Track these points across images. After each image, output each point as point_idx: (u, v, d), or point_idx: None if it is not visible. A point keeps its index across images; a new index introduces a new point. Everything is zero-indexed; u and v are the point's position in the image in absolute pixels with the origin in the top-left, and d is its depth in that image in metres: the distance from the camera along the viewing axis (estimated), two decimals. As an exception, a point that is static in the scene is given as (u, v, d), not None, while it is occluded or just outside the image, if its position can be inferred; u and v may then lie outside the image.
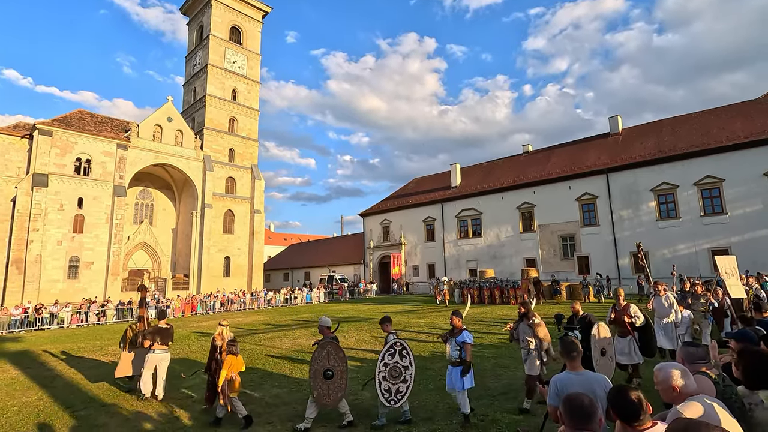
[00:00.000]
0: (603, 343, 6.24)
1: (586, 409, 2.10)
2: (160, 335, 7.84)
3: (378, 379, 5.77)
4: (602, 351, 6.24)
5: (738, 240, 22.93)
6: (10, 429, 6.55)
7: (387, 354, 5.87)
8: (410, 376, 5.80)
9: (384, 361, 5.84)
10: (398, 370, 5.78)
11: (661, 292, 8.58)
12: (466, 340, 5.72)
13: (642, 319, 7.07)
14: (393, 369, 5.79)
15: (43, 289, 29.93)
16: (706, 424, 1.62)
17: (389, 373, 5.78)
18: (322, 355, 5.95)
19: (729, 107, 27.34)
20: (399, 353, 5.89)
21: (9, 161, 32.73)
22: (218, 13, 41.87)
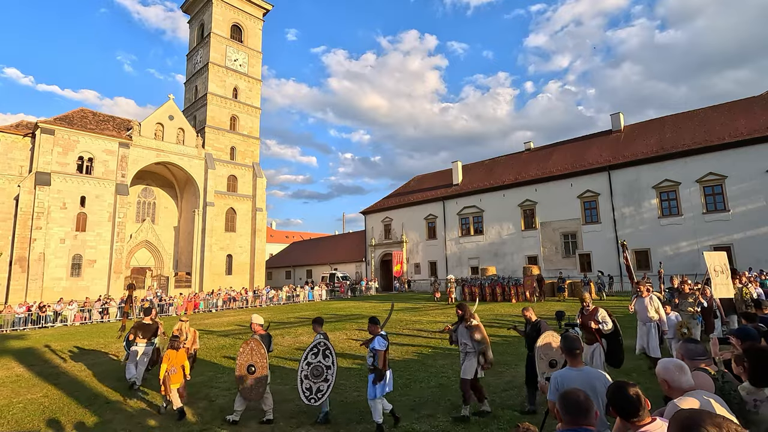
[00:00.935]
0: (553, 355, 5.65)
1: (582, 405, 2.12)
2: (141, 330, 8.50)
3: (300, 378, 5.89)
4: (552, 362, 5.66)
5: (740, 237, 22.88)
6: (16, 425, 6.62)
7: (311, 353, 6.02)
8: (332, 375, 5.89)
9: (307, 360, 5.97)
10: (320, 370, 5.88)
11: (644, 293, 7.97)
12: (375, 346, 5.63)
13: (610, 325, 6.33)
14: (315, 368, 5.91)
15: (46, 287, 30.08)
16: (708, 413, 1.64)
17: (311, 372, 5.89)
18: (246, 350, 6.26)
19: (732, 104, 27.21)
20: (322, 353, 6.01)
21: (12, 160, 32.86)
22: (219, 11, 41.83)
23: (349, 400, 7.10)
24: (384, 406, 5.70)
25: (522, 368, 8.36)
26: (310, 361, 6.00)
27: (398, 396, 7.19)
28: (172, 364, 6.79)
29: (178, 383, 6.75)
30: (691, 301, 8.68)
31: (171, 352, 6.92)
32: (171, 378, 6.67)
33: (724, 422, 1.50)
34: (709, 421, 1.51)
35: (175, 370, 6.72)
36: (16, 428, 6.49)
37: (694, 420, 1.55)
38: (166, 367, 6.75)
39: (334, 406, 6.79)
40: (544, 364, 5.65)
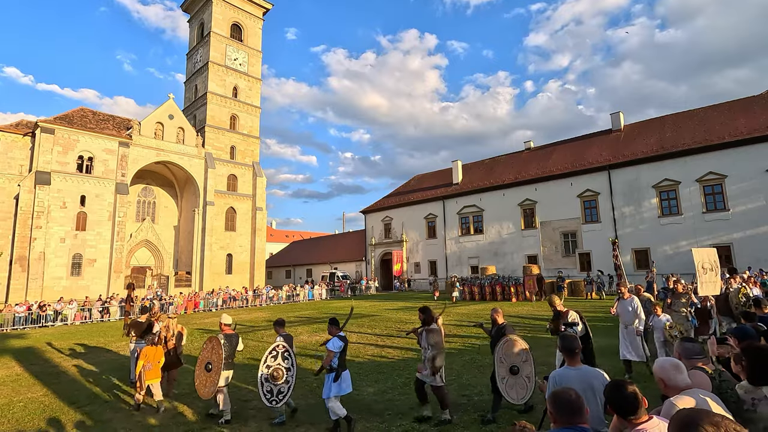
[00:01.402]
0: (514, 360, 5.40)
1: (573, 404, 2.13)
2: (134, 328, 8.73)
3: (260, 381, 5.92)
4: (513, 369, 5.40)
5: (740, 236, 22.90)
6: (16, 424, 6.63)
7: (270, 356, 6.03)
8: (291, 377, 5.96)
9: (266, 363, 5.99)
10: (280, 372, 5.95)
11: (626, 295, 7.69)
12: (328, 346, 5.67)
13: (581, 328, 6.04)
14: (275, 370, 5.95)
15: (46, 286, 30.11)
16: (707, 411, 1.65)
17: (271, 375, 5.93)
18: (207, 348, 6.47)
19: (732, 103, 27.21)
20: (281, 355, 6.04)
21: (12, 159, 32.86)
22: (219, 10, 41.81)
23: (348, 400, 7.09)
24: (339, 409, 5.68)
25: (521, 367, 8.38)
26: (270, 364, 6.02)
27: (398, 395, 7.21)
28: (149, 360, 6.99)
29: (154, 379, 6.94)
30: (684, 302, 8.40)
31: (148, 349, 7.16)
32: (146, 374, 6.88)
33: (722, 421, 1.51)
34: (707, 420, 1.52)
35: (151, 366, 6.93)
36: (17, 427, 6.51)
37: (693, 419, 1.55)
38: (142, 363, 6.96)
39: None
40: (504, 369, 5.45)
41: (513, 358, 5.41)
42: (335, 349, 5.60)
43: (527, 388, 5.33)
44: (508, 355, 5.43)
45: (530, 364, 5.42)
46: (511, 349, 5.45)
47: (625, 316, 7.57)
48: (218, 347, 6.32)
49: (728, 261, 22.87)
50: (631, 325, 7.46)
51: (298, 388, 7.84)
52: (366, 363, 9.78)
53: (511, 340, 5.50)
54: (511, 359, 5.41)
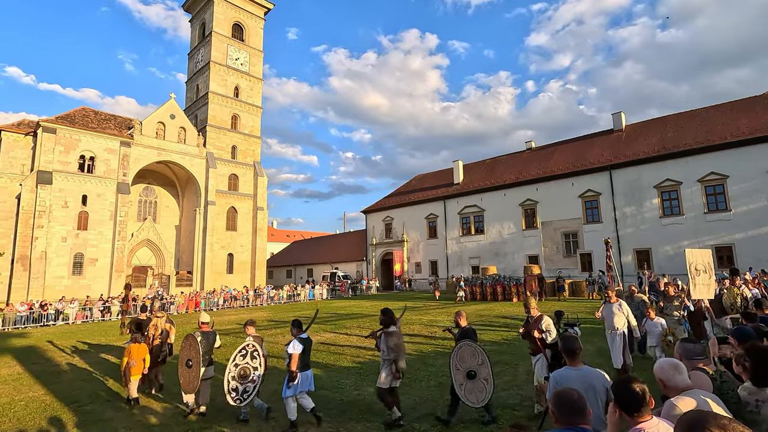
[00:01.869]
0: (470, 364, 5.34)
1: (576, 404, 2.13)
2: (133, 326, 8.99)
3: (227, 379, 6.00)
4: (470, 373, 5.33)
5: (742, 237, 22.84)
6: (17, 423, 6.65)
7: (239, 355, 6.14)
8: (258, 377, 6.04)
9: (235, 362, 6.11)
10: (247, 371, 6.03)
11: (612, 298, 7.41)
12: (287, 348, 5.81)
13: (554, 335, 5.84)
14: (243, 369, 6.05)
15: (48, 285, 30.17)
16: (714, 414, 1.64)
17: (238, 374, 6.02)
18: (186, 346, 6.72)
19: (733, 103, 27.15)
20: (250, 354, 6.15)
21: (13, 158, 32.93)
22: (220, 10, 41.84)
23: (349, 399, 7.12)
24: (305, 404, 5.85)
25: (522, 367, 8.39)
26: (238, 362, 6.12)
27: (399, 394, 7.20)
28: (133, 357, 7.29)
29: (138, 375, 7.28)
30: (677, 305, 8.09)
31: (132, 346, 7.43)
32: (131, 370, 7.20)
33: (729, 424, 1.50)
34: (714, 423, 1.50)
35: (135, 363, 7.23)
36: (19, 426, 6.53)
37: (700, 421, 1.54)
38: (126, 360, 7.26)
39: (334, 404, 6.82)
40: (461, 374, 5.43)
41: (469, 362, 5.40)
42: (295, 351, 5.72)
43: (486, 390, 5.32)
44: (463, 360, 5.43)
45: (486, 366, 5.39)
46: (466, 354, 5.44)
47: (610, 320, 7.30)
48: (195, 343, 6.55)
49: (730, 262, 22.82)
50: (614, 330, 7.18)
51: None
52: (366, 363, 9.78)
53: (465, 345, 5.47)
54: (467, 364, 5.41)
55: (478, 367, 5.37)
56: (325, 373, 8.85)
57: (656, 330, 7.54)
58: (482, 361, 5.41)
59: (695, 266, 7.80)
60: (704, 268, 7.96)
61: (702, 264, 7.96)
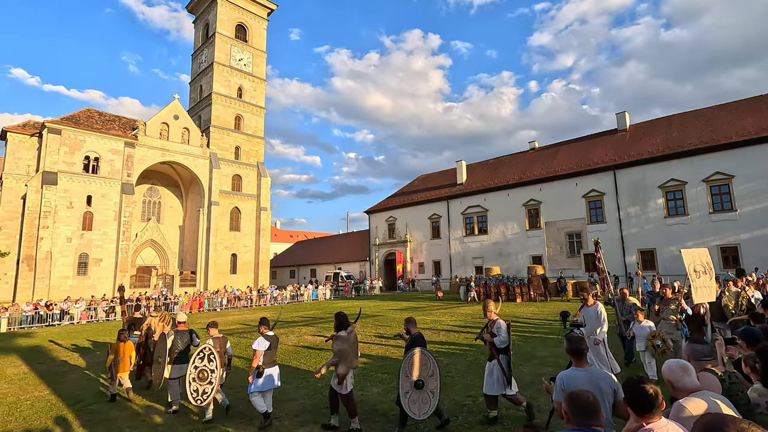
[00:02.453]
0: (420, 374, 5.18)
1: (591, 406, 2.12)
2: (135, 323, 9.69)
3: (188, 380, 6.21)
4: (417, 383, 5.14)
5: (747, 237, 22.69)
6: (23, 423, 6.69)
7: (197, 357, 6.31)
8: (215, 378, 6.18)
9: (195, 364, 6.30)
10: (206, 373, 6.19)
11: (590, 301, 7.02)
12: (253, 345, 6.12)
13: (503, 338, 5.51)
14: (201, 371, 6.24)
15: (53, 285, 30.34)
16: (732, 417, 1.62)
17: (198, 375, 6.22)
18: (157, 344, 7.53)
19: (739, 102, 26.96)
20: (207, 357, 6.29)
21: (19, 159, 33.16)
22: (224, 11, 41.96)
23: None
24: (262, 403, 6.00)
25: (526, 368, 8.35)
26: (197, 365, 6.28)
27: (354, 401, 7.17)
28: (119, 354, 7.67)
29: (125, 372, 7.65)
30: (673, 308, 7.59)
31: (119, 344, 7.82)
32: (118, 367, 7.59)
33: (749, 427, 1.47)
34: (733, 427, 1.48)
35: (121, 360, 7.63)
36: (25, 425, 6.56)
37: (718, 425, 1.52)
38: (113, 357, 7.66)
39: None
40: (408, 383, 5.25)
41: (419, 371, 5.25)
42: (259, 348, 5.96)
43: (430, 402, 5.15)
44: (413, 368, 5.28)
45: (436, 378, 5.22)
46: (417, 362, 5.28)
47: (589, 324, 6.91)
48: (163, 342, 7.20)
49: (735, 262, 22.67)
50: (593, 334, 6.77)
51: (302, 388, 7.86)
52: (370, 363, 9.77)
53: (417, 353, 5.32)
54: (420, 372, 5.26)
55: (428, 378, 5.20)
56: (328, 373, 8.83)
57: (644, 333, 7.20)
58: (432, 373, 5.24)
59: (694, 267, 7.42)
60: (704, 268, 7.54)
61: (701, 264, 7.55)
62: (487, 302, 5.91)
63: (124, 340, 7.90)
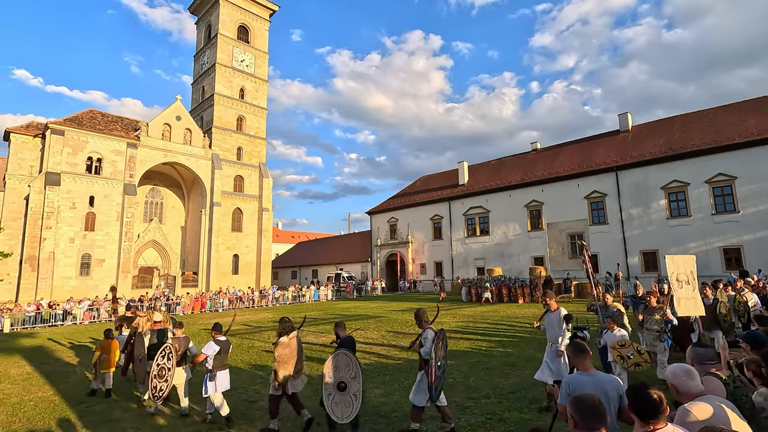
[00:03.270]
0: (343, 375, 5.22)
1: (598, 409, 2.13)
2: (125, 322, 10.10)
3: (151, 377, 6.63)
4: (340, 384, 5.19)
5: (750, 238, 22.61)
6: (27, 423, 6.72)
7: (160, 356, 6.71)
8: (170, 377, 6.49)
9: (157, 362, 6.68)
10: (164, 371, 6.55)
11: (553, 306, 6.37)
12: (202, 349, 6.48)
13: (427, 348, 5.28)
14: (161, 369, 6.61)
15: (56, 286, 30.43)
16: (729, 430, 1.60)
17: (158, 373, 6.59)
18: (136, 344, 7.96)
19: (742, 103, 26.89)
20: (167, 356, 6.64)
21: (22, 160, 33.28)
22: (226, 12, 42.07)
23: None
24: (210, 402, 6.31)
25: (529, 370, 8.34)
26: (159, 362, 6.63)
27: (404, 397, 7.18)
28: (104, 351, 8.16)
29: (109, 369, 8.11)
30: (658, 318, 7.01)
31: (104, 342, 8.38)
32: (101, 364, 8.05)
33: None
34: None
35: (105, 357, 8.09)
36: (28, 426, 6.59)
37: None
38: (98, 354, 8.12)
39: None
40: (332, 385, 5.27)
41: (342, 373, 5.25)
42: (208, 351, 6.30)
43: (353, 406, 5.12)
44: (337, 369, 5.30)
45: (359, 381, 5.20)
46: (341, 363, 5.30)
47: (550, 332, 6.26)
48: (141, 341, 7.60)
49: (738, 263, 22.59)
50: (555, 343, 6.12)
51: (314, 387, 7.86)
52: (372, 365, 9.77)
53: (342, 353, 5.35)
54: (340, 374, 5.26)
55: (351, 380, 5.20)
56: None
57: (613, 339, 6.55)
58: (355, 375, 5.23)
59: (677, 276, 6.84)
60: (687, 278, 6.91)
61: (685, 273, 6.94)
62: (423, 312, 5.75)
63: (110, 338, 8.40)
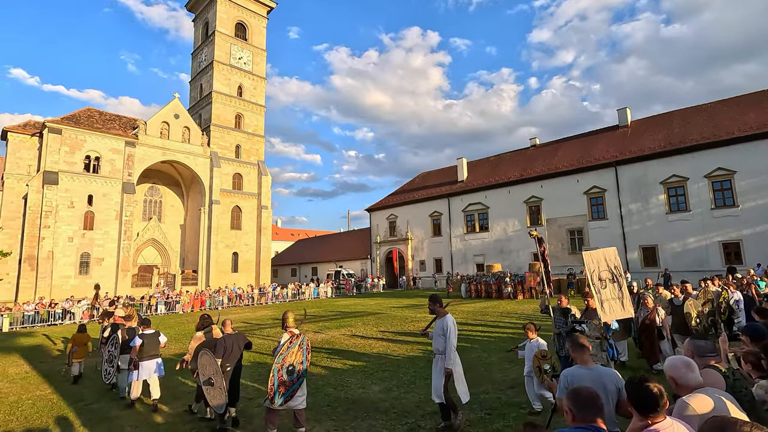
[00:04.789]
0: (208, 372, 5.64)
1: (595, 401, 2.11)
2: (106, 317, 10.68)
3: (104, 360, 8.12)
4: (209, 381, 5.61)
5: (750, 233, 22.59)
6: (25, 422, 6.69)
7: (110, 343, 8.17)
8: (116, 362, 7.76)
9: (108, 350, 8.14)
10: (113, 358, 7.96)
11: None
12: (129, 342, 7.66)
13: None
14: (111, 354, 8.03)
15: (55, 285, 30.40)
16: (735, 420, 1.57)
17: (107, 359, 8.05)
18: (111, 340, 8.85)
19: (741, 98, 26.83)
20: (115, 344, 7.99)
21: (20, 159, 33.18)
22: (224, 9, 41.87)
23: (354, 398, 7.10)
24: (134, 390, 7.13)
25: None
26: (110, 350, 8.07)
27: (403, 393, 7.17)
28: (76, 343, 9.21)
29: (81, 358, 9.23)
30: (596, 324, 5.94)
31: (76, 335, 9.39)
32: (74, 354, 9.12)
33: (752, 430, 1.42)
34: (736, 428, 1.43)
35: (77, 348, 9.16)
36: (26, 424, 6.56)
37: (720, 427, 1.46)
38: (71, 346, 9.24)
39: (339, 403, 6.80)
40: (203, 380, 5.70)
41: (206, 370, 5.73)
42: (135, 344, 7.22)
43: (222, 397, 5.55)
44: (203, 367, 5.80)
45: (220, 375, 5.62)
46: (204, 362, 5.77)
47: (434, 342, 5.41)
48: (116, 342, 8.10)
49: (737, 258, 22.61)
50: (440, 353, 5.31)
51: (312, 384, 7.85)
52: (372, 361, 9.76)
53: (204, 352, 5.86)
54: (206, 372, 5.73)
55: (215, 376, 5.62)
56: (330, 372, 8.85)
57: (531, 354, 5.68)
58: (216, 371, 5.65)
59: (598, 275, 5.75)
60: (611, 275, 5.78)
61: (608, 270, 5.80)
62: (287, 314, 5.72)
63: (82, 332, 9.50)
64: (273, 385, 5.11)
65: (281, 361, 5.24)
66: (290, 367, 5.27)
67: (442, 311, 5.38)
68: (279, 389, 5.13)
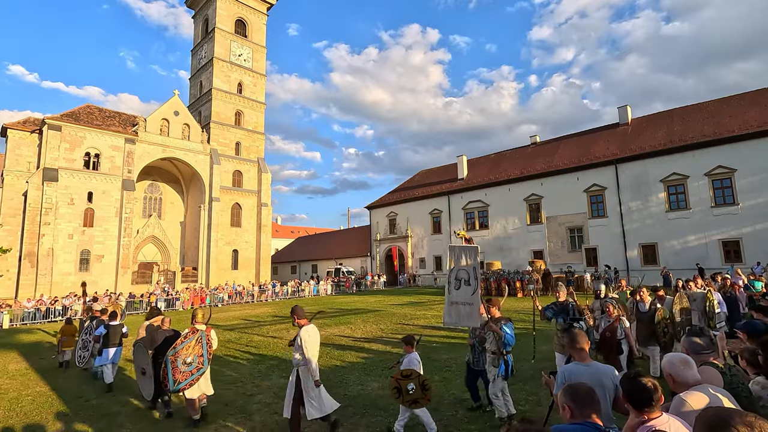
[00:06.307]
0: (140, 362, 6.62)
1: (592, 397, 2.11)
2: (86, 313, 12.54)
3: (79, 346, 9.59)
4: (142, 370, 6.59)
5: (750, 231, 22.59)
6: (24, 418, 6.71)
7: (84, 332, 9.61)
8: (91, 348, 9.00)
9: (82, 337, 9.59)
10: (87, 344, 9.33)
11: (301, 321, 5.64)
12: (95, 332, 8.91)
13: None
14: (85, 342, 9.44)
15: (55, 282, 30.42)
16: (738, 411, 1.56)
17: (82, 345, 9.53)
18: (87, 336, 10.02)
19: (741, 96, 26.78)
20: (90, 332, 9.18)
21: (19, 156, 33.15)
22: (223, 6, 41.72)
23: (352, 394, 7.12)
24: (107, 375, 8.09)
25: (527, 363, 8.34)
26: (83, 337, 9.52)
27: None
28: (65, 334, 10.46)
29: (70, 346, 10.31)
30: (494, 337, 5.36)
31: (64, 326, 10.72)
32: (63, 343, 10.31)
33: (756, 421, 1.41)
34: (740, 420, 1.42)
35: (66, 339, 10.36)
36: (26, 420, 6.58)
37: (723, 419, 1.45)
38: (59, 336, 10.50)
39: (339, 399, 6.80)
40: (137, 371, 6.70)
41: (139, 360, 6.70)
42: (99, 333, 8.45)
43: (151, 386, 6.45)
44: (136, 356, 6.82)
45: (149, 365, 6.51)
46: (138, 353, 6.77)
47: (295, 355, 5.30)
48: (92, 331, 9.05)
49: (737, 256, 22.63)
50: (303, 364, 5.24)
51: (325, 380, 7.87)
52: (371, 358, 9.78)
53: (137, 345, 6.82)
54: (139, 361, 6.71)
55: (146, 366, 6.53)
56: (329, 369, 8.86)
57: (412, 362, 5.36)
58: (147, 362, 6.52)
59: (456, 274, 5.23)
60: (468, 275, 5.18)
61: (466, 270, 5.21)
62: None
63: (70, 324, 10.89)
64: (166, 375, 5.74)
65: (174, 354, 5.79)
66: (187, 359, 5.84)
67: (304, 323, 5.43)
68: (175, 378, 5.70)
